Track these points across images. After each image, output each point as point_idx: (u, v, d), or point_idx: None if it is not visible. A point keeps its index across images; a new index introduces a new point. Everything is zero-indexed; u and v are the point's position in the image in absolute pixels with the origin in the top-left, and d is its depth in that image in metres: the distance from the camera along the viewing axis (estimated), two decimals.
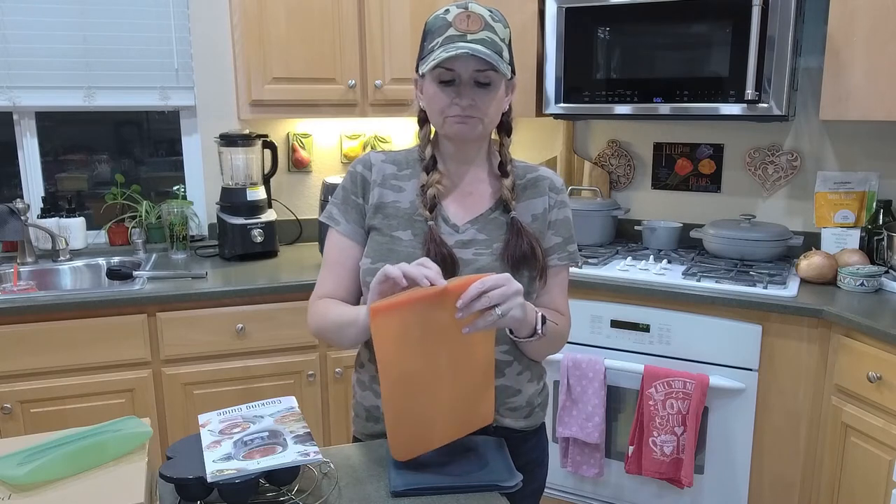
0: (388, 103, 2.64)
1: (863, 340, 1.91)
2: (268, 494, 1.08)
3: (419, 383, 1.10)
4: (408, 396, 1.10)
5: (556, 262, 1.32)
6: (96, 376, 2.18)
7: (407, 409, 1.11)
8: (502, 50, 1.20)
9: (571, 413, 2.33)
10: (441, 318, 1.08)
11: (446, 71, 1.18)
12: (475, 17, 1.18)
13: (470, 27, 1.17)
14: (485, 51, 1.15)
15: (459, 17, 1.18)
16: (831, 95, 2.17)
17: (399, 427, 1.12)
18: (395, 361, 1.08)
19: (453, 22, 1.18)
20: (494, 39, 1.18)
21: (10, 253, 2.63)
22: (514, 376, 1.29)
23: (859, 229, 2.39)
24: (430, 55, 1.18)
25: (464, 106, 1.19)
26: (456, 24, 1.18)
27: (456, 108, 1.20)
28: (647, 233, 2.72)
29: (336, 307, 1.27)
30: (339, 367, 2.41)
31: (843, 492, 2.00)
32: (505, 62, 1.20)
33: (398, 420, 1.11)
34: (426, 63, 1.19)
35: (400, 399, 1.10)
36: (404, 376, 1.09)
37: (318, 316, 1.29)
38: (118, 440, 1.05)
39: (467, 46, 1.15)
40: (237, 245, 2.62)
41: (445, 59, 1.15)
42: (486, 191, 1.31)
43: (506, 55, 1.21)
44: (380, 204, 1.29)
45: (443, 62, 1.16)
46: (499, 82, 1.21)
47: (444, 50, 1.16)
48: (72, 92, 2.65)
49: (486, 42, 1.17)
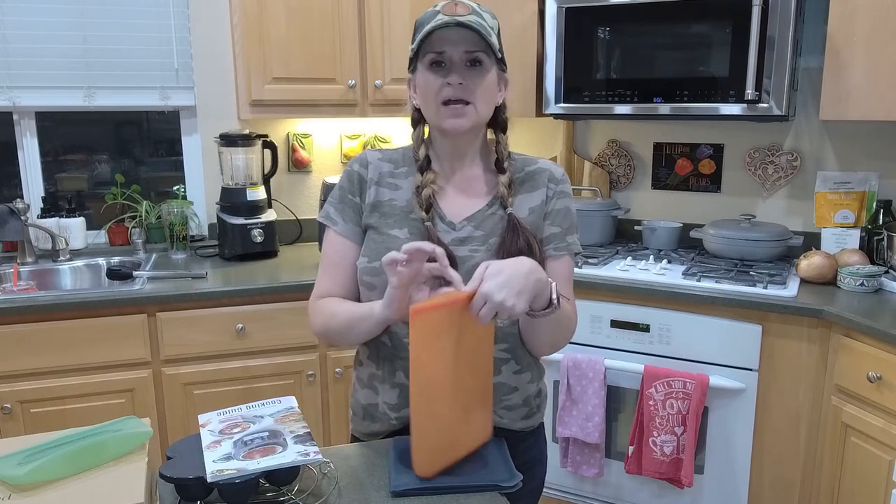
0: (388, 103, 2.64)
1: (863, 340, 1.91)
2: (268, 494, 1.08)
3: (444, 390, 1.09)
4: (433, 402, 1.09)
5: (551, 253, 1.30)
6: (96, 376, 2.18)
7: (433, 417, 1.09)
8: (491, 34, 1.21)
9: (571, 413, 2.33)
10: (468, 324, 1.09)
11: (437, 54, 1.20)
12: (463, 4, 1.20)
13: (458, 11, 1.19)
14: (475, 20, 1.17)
15: (448, 5, 1.20)
16: (831, 95, 2.17)
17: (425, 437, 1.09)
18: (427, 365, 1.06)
19: (441, 9, 1.20)
20: (483, 24, 1.20)
21: (10, 253, 2.63)
22: (510, 374, 1.29)
23: (859, 229, 2.39)
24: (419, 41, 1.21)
25: (455, 85, 1.20)
26: (444, 10, 1.20)
27: (448, 90, 1.20)
28: (647, 233, 2.72)
29: (344, 304, 1.27)
30: (339, 367, 2.41)
31: (843, 492, 2.00)
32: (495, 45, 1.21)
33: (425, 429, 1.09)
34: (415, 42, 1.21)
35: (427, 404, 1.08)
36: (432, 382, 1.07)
37: (325, 314, 1.28)
38: (118, 440, 1.05)
39: (456, 21, 1.17)
40: (237, 245, 2.62)
41: (434, 27, 1.17)
42: (482, 188, 1.30)
43: (494, 41, 1.22)
44: (376, 202, 1.29)
45: (433, 32, 1.18)
46: (490, 65, 1.22)
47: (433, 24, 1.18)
48: (72, 92, 2.65)
49: (475, 23, 1.19)
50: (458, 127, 1.23)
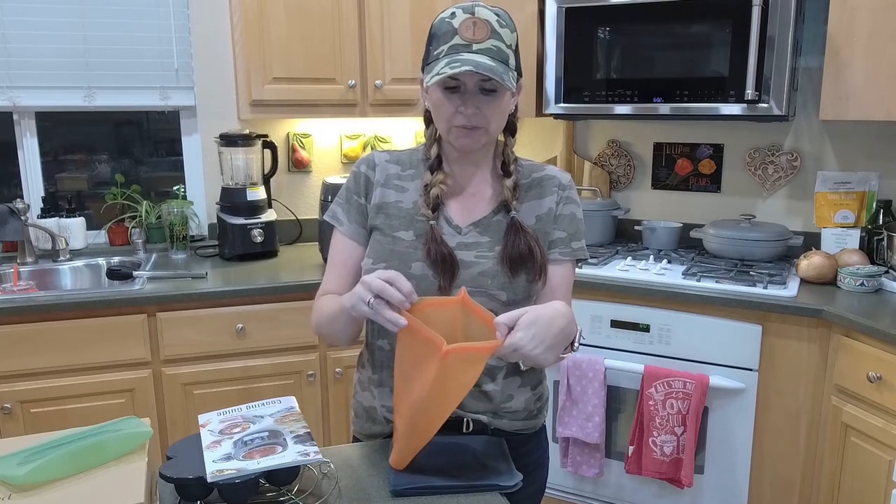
0: (388, 103, 2.64)
1: (863, 340, 1.91)
2: (268, 494, 1.08)
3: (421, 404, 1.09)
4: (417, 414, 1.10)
5: (556, 257, 1.30)
6: (96, 376, 2.18)
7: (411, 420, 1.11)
8: (508, 58, 1.18)
9: (571, 413, 2.33)
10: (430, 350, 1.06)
11: (451, 79, 1.17)
12: (481, 24, 1.16)
13: (476, 36, 1.15)
14: (489, 64, 1.13)
15: (465, 25, 1.16)
16: (831, 95, 2.17)
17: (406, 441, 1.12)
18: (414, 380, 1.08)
19: (459, 29, 1.16)
20: (500, 47, 1.16)
21: (10, 253, 2.63)
22: (503, 381, 1.28)
23: (859, 229, 2.39)
24: (435, 64, 1.17)
25: (469, 114, 1.18)
26: (462, 32, 1.16)
27: (461, 118, 1.19)
28: (647, 233, 2.72)
29: (329, 299, 1.27)
30: (339, 367, 2.41)
31: (843, 492, 2.00)
32: (511, 70, 1.18)
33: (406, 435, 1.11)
34: (430, 74, 1.17)
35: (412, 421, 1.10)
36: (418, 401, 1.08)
37: (316, 311, 1.30)
38: (118, 440, 1.05)
39: (472, 61, 1.13)
40: (237, 245, 2.62)
41: (451, 74, 1.13)
42: (488, 192, 1.30)
43: (512, 62, 1.19)
44: (382, 203, 1.29)
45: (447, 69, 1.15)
46: (504, 90, 1.19)
47: (448, 63, 1.14)
48: (72, 92, 2.65)
49: (491, 52, 1.15)
50: (469, 147, 1.23)
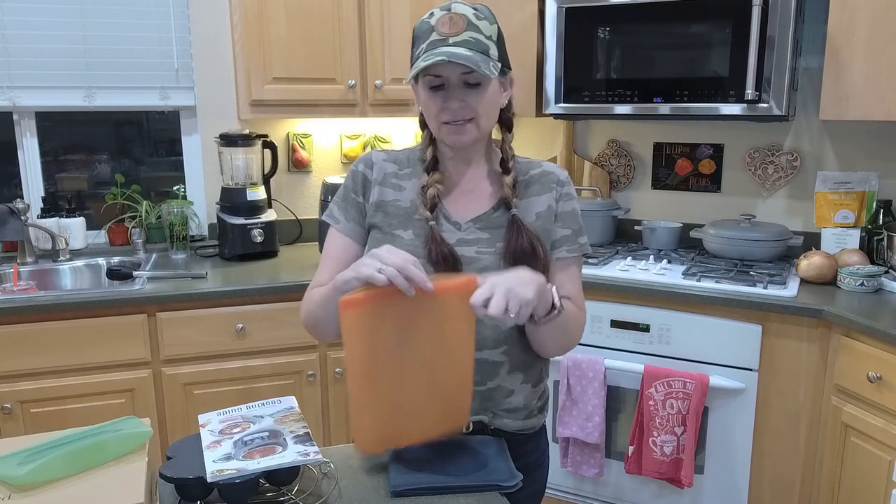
0: (388, 103, 2.64)
1: (863, 340, 1.91)
2: (268, 494, 1.08)
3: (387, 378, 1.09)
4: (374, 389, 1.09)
5: (564, 255, 1.30)
6: (96, 376, 2.18)
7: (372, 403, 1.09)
8: (488, 49, 1.19)
9: (571, 413, 2.33)
10: (418, 315, 1.08)
11: (434, 77, 1.19)
12: (457, 19, 1.18)
13: (451, 30, 1.17)
14: (465, 53, 1.15)
15: (441, 21, 1.18)
16: (831, 95, 2.17)
17: (363, 419, 1.10)
18: (362, 355, 1.06)
19: (435, 26, 1.18)
20: (479, 39, 1.18)
21: (10, 253, 2.63)
22: (506, 377, 1.28)
23: (859, 229, 2.39)
24: (414, 64, 1.19)
25: (454, 109, 1.20)
26: (438, 28, 1.18)
27: (447, 113, 1.20)
28: (647, 233, 2.72)
29: (322, 288, 1.25)
30: (339, 367, 2.41)
31: (843, 492, 2.00)
32: (492, 60, 1.19)
33: (362, 412, 1.09)
34: (410, 72, 1.19)
35: (366, 391, 1.08)
36: (371, 370, 1.07)
37: (307, 301, 1.29)
38: (118, 440, 1.05)
39: (446, 52, 1.14)
40: (237, 245, 2.62)
41: (424, 67, 1.15)
42: (487, 189, 1.30)
43: (493, 52, 1.20)
44: (380, 202, 1.30)
45: (424, 70, 1.17)
46: (489, 81, 1.20)
47: (424, 58, 1.16)
48: (72, 92, 2.65)
49: (469, 43, 1.17)
50: (460, 143, 1.24)
